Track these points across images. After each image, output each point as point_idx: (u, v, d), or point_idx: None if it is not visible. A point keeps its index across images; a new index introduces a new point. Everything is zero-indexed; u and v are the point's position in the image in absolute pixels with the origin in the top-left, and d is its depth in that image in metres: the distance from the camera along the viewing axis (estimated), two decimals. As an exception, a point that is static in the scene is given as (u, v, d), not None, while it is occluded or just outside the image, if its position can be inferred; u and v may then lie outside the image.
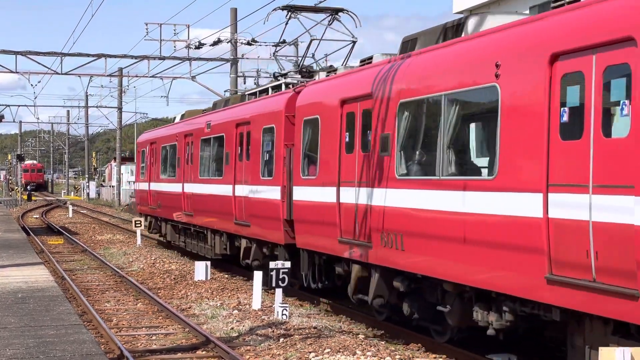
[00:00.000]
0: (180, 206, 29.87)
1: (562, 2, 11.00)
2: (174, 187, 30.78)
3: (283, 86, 22.58)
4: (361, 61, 18.05)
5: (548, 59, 10.57)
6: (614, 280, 9.52)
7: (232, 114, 25.29)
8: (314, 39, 21.40)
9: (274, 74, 23.72)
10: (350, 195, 16.70)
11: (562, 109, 10.29)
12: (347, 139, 17.10)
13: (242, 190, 23.36)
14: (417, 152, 14.58)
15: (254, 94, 24.86)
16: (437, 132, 13.59)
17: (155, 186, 34.44)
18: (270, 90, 23.58)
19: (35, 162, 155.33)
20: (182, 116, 32.69)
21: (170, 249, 35.09)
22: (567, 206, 10.17)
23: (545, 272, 10.36)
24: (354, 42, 21.44)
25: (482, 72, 12.01)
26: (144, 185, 36.88)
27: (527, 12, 29.47)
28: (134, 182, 39.58)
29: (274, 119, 21.19)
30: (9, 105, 74.95)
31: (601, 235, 9.64)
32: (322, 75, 20.51)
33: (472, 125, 13.41)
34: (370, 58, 17.48)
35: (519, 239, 11.06)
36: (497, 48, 11.83)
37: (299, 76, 22.40)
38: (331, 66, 22.41)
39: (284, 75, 22.91)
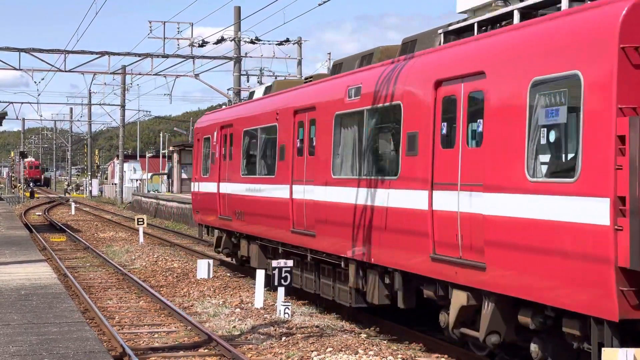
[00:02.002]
0: (285, 220, 19.43)
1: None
2: (272, 191, 20.33)
3: None
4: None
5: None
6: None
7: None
8: None
9: None
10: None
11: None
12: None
13: (468, 201, 12.58)
14: None
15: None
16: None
17: (232, 188, 23.84)
18: None
19: (32, 159, 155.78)
20: (269, 88, 23.00)
21: (173, 247, 35.08)
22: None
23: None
24: None
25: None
26: (208, 187, 26.43)
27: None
28: (193, 182, 28.86)
29: None
30: (12, 103, 75.15)
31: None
32: None
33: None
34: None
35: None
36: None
37: None
38: None
39: None
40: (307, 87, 19.43)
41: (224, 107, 29.69)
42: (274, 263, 17.74)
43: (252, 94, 24.77)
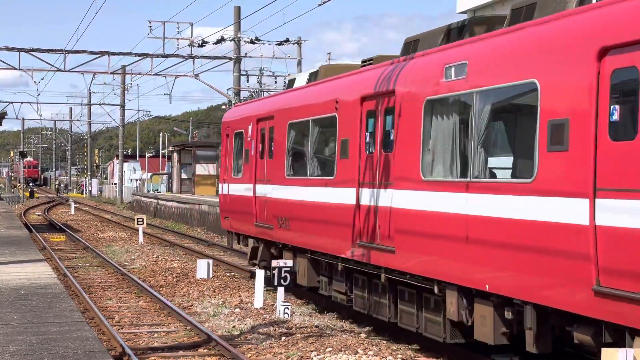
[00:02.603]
0: (347, 230, 15.99)
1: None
2: (331, 195, 16.85)
3: None
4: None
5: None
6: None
7: None
8: None
9: None
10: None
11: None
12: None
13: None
14: None
15: None
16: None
17: (273, 191, 20.15)
18: None
19: (31, 158, 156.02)
20: (314, 75, 19.94)
21: (173, 246, 35.12)
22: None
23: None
24: None
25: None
26: (240, 189, 22.74)
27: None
28: (221, 183, 25.13)
29: None
30: (12, 102, 75.23)
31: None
32: None
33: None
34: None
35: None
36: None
37: None
38: None
39: None
40: (378, 69, 15.62)
41: (260, 97, 25.20)
42: (274, 263, 17.72)
43: (291, 82, 21.38)
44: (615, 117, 9.65)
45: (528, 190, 10.85)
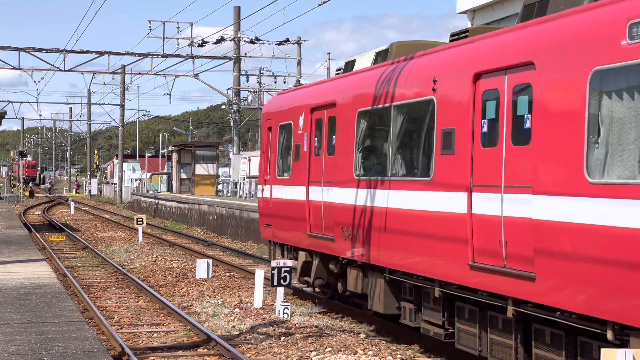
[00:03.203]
0: (454, 246, 12.39)
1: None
2: (424, 202, 13.32)
3: None
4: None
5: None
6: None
7: None
8: None
9: None
10: None
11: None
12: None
13: None
14: None
15: None
16: None
17: (336, 194, 16.62)
18: None
19: (29, 158, 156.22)
20: (384, 53, 16.43)
21: (172, 246, 35.12)
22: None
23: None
24: None
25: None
26: (288, 192, 19.21)
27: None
28: (261, 185, 21.26)
29: None
30: (11, 102, 75.24)
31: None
32: None
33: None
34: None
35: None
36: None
37: None
38: None
39: None
40: (499, 36, 12.12)
41: (314, 82, 20.11)
42: (273, 263, 17.68)
43: (350, 63, 17.77)
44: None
45: None
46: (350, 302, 17.98)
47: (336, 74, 18.64)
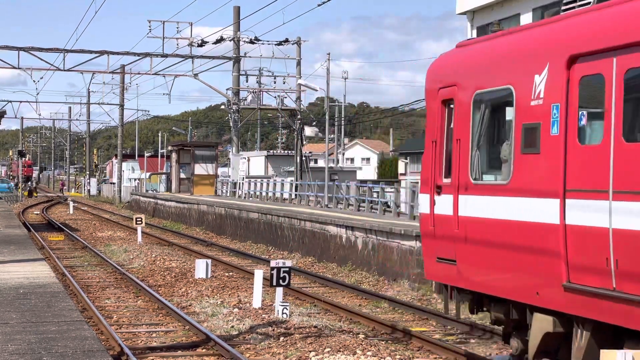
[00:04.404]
0: None
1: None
2: None
3: None
4: None
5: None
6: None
7: None
8: None
9: None
10: None
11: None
12: None
13: None
14: None
15: None
16: None
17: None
18: None
19: (27, 157, 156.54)
20: None
21: (171, 246, 35.12)
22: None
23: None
24: None
25: None
26: (497, 206, 11.05)
27: (530, 14, 29.51)
28: (423, 194, 12.75)
29: None
30: (10, 101, 75.17)
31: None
32: None
33: None
34: None
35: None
36: None
37: None
38: None
39: None
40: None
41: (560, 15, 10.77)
42: (272, 263, 17.70)
43: None
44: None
45: None
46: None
47: None
